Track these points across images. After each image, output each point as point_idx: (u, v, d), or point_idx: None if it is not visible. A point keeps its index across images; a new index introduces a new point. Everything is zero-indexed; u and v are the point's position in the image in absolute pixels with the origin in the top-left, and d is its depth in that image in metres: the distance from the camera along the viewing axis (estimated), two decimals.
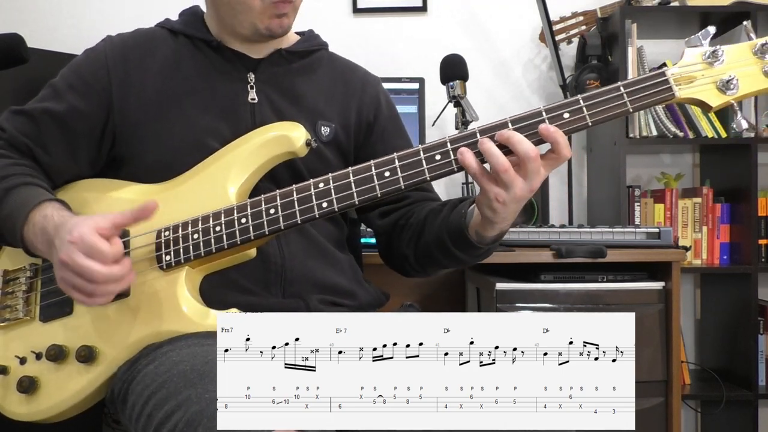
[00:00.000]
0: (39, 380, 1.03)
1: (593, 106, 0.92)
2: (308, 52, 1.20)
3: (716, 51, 0.92)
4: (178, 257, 1.00)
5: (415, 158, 0.94)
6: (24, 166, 1.08)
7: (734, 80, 0.91)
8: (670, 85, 0.92)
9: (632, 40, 2.17)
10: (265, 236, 0.98)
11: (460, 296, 2.08)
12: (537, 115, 0.92)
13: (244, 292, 1.06)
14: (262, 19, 1.09)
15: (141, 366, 0.95)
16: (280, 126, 1.07)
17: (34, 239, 1.00)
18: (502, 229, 1.02)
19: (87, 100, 1.10)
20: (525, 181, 0.92)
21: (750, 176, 2.17)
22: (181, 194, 1.06)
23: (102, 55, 1.13)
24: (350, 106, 1.20)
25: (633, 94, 0.92)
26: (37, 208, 1.00)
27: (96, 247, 0.91)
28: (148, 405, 0.87)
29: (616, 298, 1.62)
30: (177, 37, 1.16)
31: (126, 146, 1.12)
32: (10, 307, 1.09)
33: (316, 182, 0.97)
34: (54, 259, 0.96)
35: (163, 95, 1.10)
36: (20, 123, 1.11)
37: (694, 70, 0.93)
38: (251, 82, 1.13)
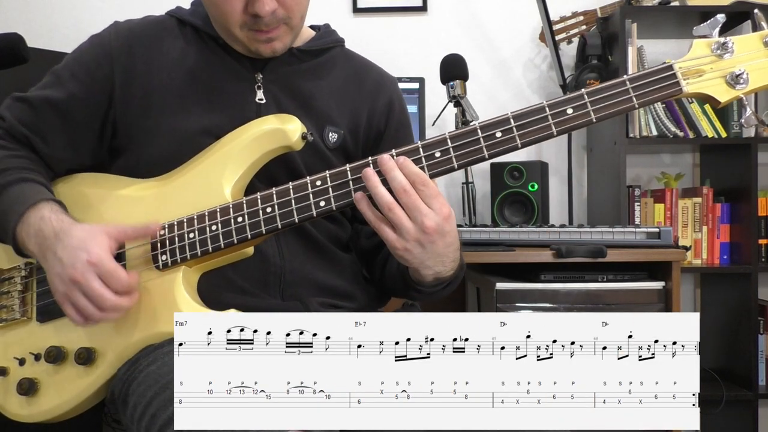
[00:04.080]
0: (39, 382, 1.02)
1: (598, 101, 0.90)
2: (322, 50, 1.16)
3: (726, 43, 0.88)
4: (174, 257, 0.98)
5: (414, 156, 0.93)
6: (22, 158, 1.06)
7: (744, 74, 0.88)
8: (678, 79, 0.89)
9: (632, 40, 2.17)
10: (262, 235, 0.97)
11: (460, 296, 2.08)
12: (540, 111, 0.91)
13: (243, 293, 1.05)
14: (251, 43, 1.05)
15: (142, 366, 0.95)
16: (275, 119, 1.03)
17: (27, 239, 0.98)
18: (439, 276, 0.98)
19: (88, 88, 1.08)
20: (412, 221, 0.89)
21: (750, 176, 2.17)
22: (176, 190, 1.03)
23: (106, 41, 1.09)
24: (361, 112, 1.16)
25: (639, 88, 0.90)
26: (33, 207, 0.98)
27: (116, 277, 0.91)
28: (152, 405, 0.87)
29: (616, 298, 1.62)
30: (185, 28, 1.12)
31: (126, 138, 1.09)
32: (6, 307, 1.08)
33: (313, 180, 0.96)
34: (53, 267, 0.95)
35: (167, 89, 1.07)
36: (20, 111, 1.09)
37: (703, 63, 0.89)
38: (259, 81, 1.10)
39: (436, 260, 0.95)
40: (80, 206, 1.07)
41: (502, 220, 2.03)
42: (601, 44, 2.24)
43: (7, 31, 1.40)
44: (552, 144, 2.42)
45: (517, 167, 2.03)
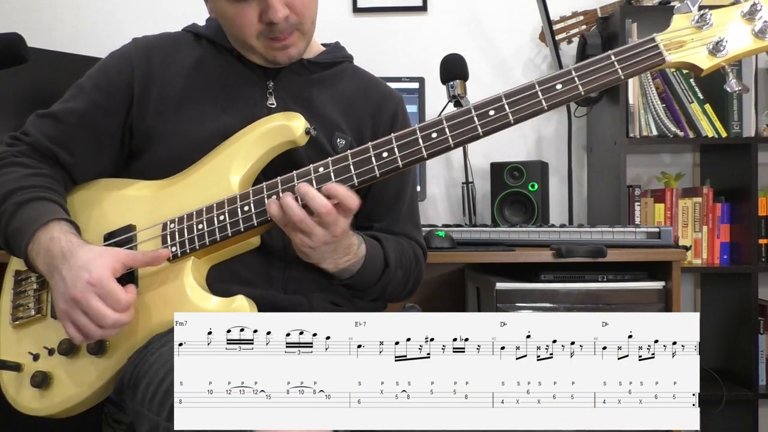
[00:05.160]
0: (52, 375, 1.05)
1: (585, 75, 0.94)
2: (331, 63, 1.21)
3: (704, 15, 0.93)
4: (183, 248, 1.02)
5: (412, 137, 0.97)
6: (42, 176, 1.09)
7: (724, 41, 0.92)
8: (660, 50, 0.93)
9: (632, 40, 2.16)
10: (268, 222, 1.00)
11: (460, 296, 2.08)
12: (530, 88, 0.95)
13: (249, 285, 1.07)
14: (268, 52, 1.10)
15: (154, 349, 0.97)
16: (281, 116, 1.08)
17: (36, 258, 1.01)
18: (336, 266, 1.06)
19: (111, 96, 1.13)
20: (325, 230, 0.97)
21: (750, 176, 2.17)
22: (186, 187, 1.08)
23: (128, 54, 1.15)
24: (366, 122, 1.20)
25: (624, 61, 0.94)
26: (44, 227, 1.01)
27: (114, 295, 0.94)
28: (165, 381, 0.88)
29: (616, 298, 1.62)
30: (201, 41, 1.18)
31: (141, 140, 1.13)
32: (22, 305, 1.11)
33: (316, 167, 0.99)
34: (56, 286, 0.97)
35: (183, 94, 1.12)
36: (45, 126, 1.13)
37: (684, 35, 0.94)
38: (270, 89, 1.15)
39: (330, 257, 1.04)
40: (95, 209, 1.11)
41: (502, 220, 2.03)
42: (601, 44, 2.24)
43: (7, 31, 1.40)
44: (552, 144, 2.42)
45: (517, 167, 2.03)
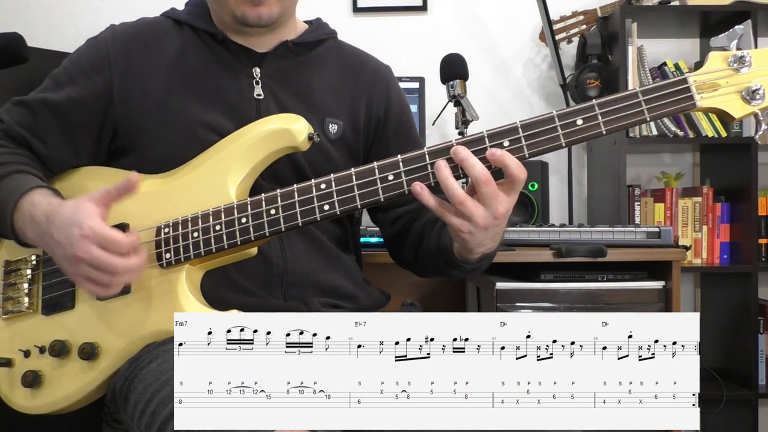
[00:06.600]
0: (43, 375, 1.04)
1: (609, 113, 0.87)
2: (316, 42, 1.18)
3: (743, 56, 0.85)
4: (178, 255, 0.99)
5: (420, 163, 0.91)
6: (19, 155, 1.07)
7: (761, 90, 0.85)
8: (692, 93, 0.86)
9: (632, 40, 2.17)
10: (266, 237, 0.97)
11: (460, 296, 2.08)
12: (549, 122, 0.88)
13: (245, 293, 1.06)
14: (237, 6, 1.06)
15: (143, 363, 0.95)
16: (281, 118, 1.03)
17: (24, 227, 0.99)
18: (485, 252, 0.99)
19: (86, 91, 1.09)
20: (485, 208, 0.88)
21: (750, 176, 2.17)
22: (181, 188, 1.04)
23: (103, 44, 1.11)
24: (359, 102, 1.17)
25: (651, 101, 0.87)
26: (26, 194, 0.98)
27: (113, 240, 0.90)
28: (152, 402, 0.87)
29: (616, 298, 1.62)
30: (182, 28, 1.13)
31: (127, 139, 1.10)
32: (12, 299, 1.09)
33: (318, 183, 0.95)
34: (54, 251, 0.95)
35: (166, 89, 1.09)
36: (19, 114, 1.10)
37: (719, 77, 0.86)
38: (257, 77, 1.11)
39: (489, 243, 0.96)
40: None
41: None
42: (601, 44, 2.24)
43: (6, 31, 1.40)
44: None
45: None
